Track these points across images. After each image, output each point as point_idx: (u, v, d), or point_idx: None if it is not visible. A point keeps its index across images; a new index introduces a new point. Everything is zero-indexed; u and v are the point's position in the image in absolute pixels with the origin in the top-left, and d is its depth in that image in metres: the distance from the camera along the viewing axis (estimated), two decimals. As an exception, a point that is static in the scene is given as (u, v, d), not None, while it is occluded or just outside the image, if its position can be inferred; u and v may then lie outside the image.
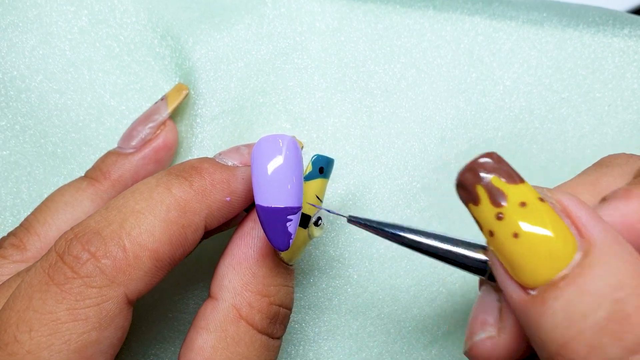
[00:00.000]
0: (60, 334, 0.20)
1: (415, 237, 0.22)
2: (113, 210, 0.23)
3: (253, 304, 0.24)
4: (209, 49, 0.32)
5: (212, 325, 0.23)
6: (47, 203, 0.28)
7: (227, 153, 0.27)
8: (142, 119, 0.30)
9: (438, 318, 0.31)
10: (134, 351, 0.31)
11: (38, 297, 0.21)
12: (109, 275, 0.21)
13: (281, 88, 0.32)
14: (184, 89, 0.32)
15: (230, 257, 0.25)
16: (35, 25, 0.33)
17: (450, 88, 0.32)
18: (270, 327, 0.24)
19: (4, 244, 0.27)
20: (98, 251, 0.21)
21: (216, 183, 0.24)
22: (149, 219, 0.22)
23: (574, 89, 0.31)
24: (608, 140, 0.31)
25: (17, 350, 0.20)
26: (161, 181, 0.23)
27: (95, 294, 0.21)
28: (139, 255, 0.22)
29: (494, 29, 0.32)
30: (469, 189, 0.20)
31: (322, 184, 0.26)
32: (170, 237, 0.22)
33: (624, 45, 0.31)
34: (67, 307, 0.21)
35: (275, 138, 0.23)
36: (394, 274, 0.31)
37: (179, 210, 0.23)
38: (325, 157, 0.26)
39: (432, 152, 0.32)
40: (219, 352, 0.23)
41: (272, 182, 0.22)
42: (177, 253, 0.23)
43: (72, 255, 0.21)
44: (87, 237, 0.22)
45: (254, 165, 0.23)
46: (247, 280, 0.24)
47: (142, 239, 0.22)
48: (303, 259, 0.31)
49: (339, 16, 0.32)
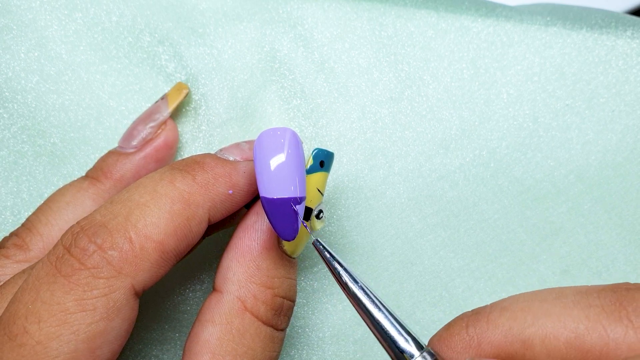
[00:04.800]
0: (68, 325, 0.20)
1: (361, 295, 0.22)
2: (118, 204, 0.23)
3: (258, 296, 0.24)
4: (210, 55, 0.32)
5: (218, 317, 0.24)
6: (48, 203, 0.28)
7: (228, 149, 0.27)
8: (143, 119, 0.30)
9: (441, 323, 0.31)
10: (136, 351, 0.31)
11: (46, 289, 0.21)
12: (116, 267, 0.21)
13: (284, 94, 0.32)
14: (184, 88, 0.31)
15: (234, 250, 0.25)
16: (30, 28, 0.32)
17: (454, 96, 0.32)
18: (275, 319, 0.25)
19: (6, 244, 0.27)
20: (105, 243, 0.22)
21: (218, 176, 0.24)
22: (153, 212, 0.23)
23: (578, 95, 0.31)
24: (612, 147, 0.31)
25: (27, 341, 0.20)
26: (165, 175, 0.24)
27: (102, 284, 0.21)
28: (145, 247, 0.22)
29: (498, 35, 0.32)
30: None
31: (323, 177, 0.26)
32: (175, 229, 0.23)
33: (627, 48, 0.31)
34: (75, 298, 0.21)
35: (275, 132, 0.23)
36: (397, 279, 0.31)
37: (182, 203, 0.23)
38: (325, 150, 0.26)
39: (436, 161, 0.32)
40: (224, 344, 0.23)
41: (276, 175, 0.23)
42: (182, 245, 0.23)
43: (79, 247, 0.22)
44: (93, 229, 0.22)
45: (256, 159, 0.23)
46: (252, 273, 0.24)
47: (147, 230, 0.22)
48: (306, 264, 0.31)
49: (343, 23, 0.32)
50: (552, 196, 0.31)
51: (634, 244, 0.31)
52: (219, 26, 0.32)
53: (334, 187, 0.31)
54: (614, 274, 0.31)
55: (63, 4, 0.33)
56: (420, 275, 0.31)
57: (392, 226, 0.31)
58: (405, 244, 0.31)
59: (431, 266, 0.31)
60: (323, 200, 0.26)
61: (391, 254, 0.31)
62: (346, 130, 0.32)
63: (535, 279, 0.31)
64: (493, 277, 0.31)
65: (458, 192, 0.31)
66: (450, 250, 0.31)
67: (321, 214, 0.26)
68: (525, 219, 0.31)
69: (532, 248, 0.31)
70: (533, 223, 0.31)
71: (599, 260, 0.31)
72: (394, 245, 0.31)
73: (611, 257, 0.31)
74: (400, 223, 0.31)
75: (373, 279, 0.31)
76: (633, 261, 0.31)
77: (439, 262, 0.31)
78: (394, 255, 0.31)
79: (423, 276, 0.31)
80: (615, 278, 0.31)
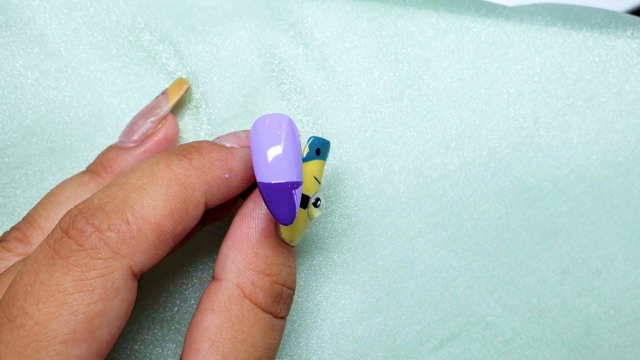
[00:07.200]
0: (67, 305, 0.20)
1: None
2: (115, 188, 0.23)
3: (256, 283, 0.24)
4: (210, 54, 0.32)
5: (217, 305, 0.24)
6: (49, 197, 0.28)
7: (225, 137, 0.28)
8: (143, 113, 0.30)
9: (442, 322, 0.31)
10: (134, 350, 0.31)
11: (45, 271, 0.21)
12: (114, 247, 0.22)
13: (284, 90, 0.32)
14: (185, 83, 0.31)
15: (233, 238, 0.25)
16: (30, 26, 0.32)
17: (455, 96, 0.32)
18: (274, 306, 0.25)
19: (7, 237, 0.27)
20: (102, 224, 0.22)
21: (214, 160, 0.25)
22: (150, 194, 0.23)
23: (579, 95, 0.31)
24: (613, 146, 0.31)
25: (26, 322, 0.20)
26: (161, 159, 0.24)
27: (100, 265, 0.21)
28: (142, 228, 0.22)
29: (498, 35, 0.32)
30: None
31: (320, 165, 0.26)
32: (172, 210, 0.23)
33: (627, 48, 0.31)
34: (74, 279, 0.21)
35: (272, 120, 0.23)
36: (398, 279, 0.31)
37: (179, 185, 0.23)
38: (321, 138, 0.26)
39: (437, 160, 0.32)
40: (224, 331, 0.23)
41: (273, 162, 0.23)
42: (179, 227, 0.23)
43: (77, 229, 0.22)
44: (90, 212, 0.22)
45: (253, 146, 0.23)
46: (250, 260, 0.24)
47: (144, 212, 0.22)
48: (306, 263, 0.31)
49: (343, 23, 0.32)
50: (553, 196, 0.31)
51: (634, 243, 0.31)
52: (218, 24, 0.32)
53: (334, 185, 0.31)
54: (614, 273, 0.31)
55: (62, 2, 0.33)
56: (422, 275, 0.31)
57: (392, 225, 0.31)
58: (406, 243, 0.31)
59: (432, 265, 0.31)
60: (321, 189, 0.26)
61: (391, 253, 0.31)
62: (346, 128, 0.32)
63: (535, 279, 0.31)
64: (494, 276, 0.31)
65: (459, 192, 0.31)
66: (451, 250, 0.31)
67: (319, 202, 0.26)
68: (526, 218, 0.31)
69: (533, 247, 0.31)
70: (534, 222, 0.31)
71: (599, 259, 0.31)
72: (394, 244, 0.31)
73: (611, 256, 0.31)
74: (401, 222, 0.31)
75: (373, 278, 0.31)
76: (633, 261, 0.31)
77: (439, 261, 0.31)
78: (394, 255, 0.31)
79: (424, 275, 0.31)
80: (615, 278, 0.31)
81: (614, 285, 0.31)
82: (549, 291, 0.31)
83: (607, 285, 0.31)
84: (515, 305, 0.31)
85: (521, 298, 0.31)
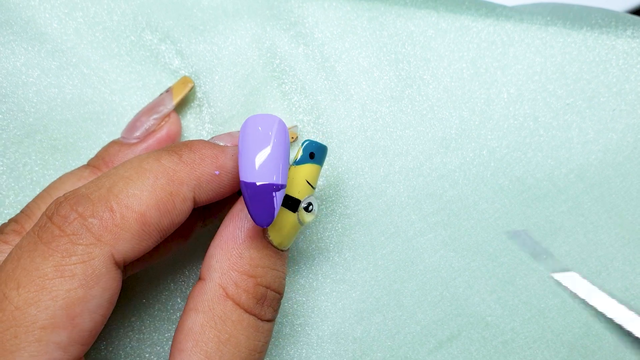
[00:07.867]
0: (47, 290, 0.20)
1: None
2: (103, 178, 0.23)
3: (239, 284, 0.24)
4: (211, 53, 0.32)
5: (200, 305, 0.24)
6: (48, 190, 0.28)
7: (220, 136, 0.28)
8: (147, 110, 0.30)
9: (442, 322, 0.31)
10: (134, 348, 0.31)
11: (27, 256, 0.21)
12: (96, 234, 0.22)
13: (285, 93, 0.32)
14: (189, 81, 0.31)
15: (219, 238, 0.25)
16: (30, 25, 0.32)
17: (455, 96, 0.32)
18: (258, 308, 0.24)
19: (5, 229, 0.27)
20: (86, 211, 0.22)
21: (205, 157, 0.25)
22: (136, 184, 0.23)
23: (578, 94, 0.31)
24: (613, 146, 0.31)
25: (6, 306, 0.20)
26: (152, 154, 0.24)
27: (81, 251, 0.21)
28: (126, 217, 0.22)
29: (498, 34, 0.32)
30: None
31: (313, 170, 0.26)
32: (157, 202, 0.23)
33: (627, 47, 0.31)
34: (54, 264, 0.21)
35: (263, 120, 0.23)
36: (398, 278, 0.31)
37: (166, 178, 0.23)
38: (316, 142, 0.26)
39: (436, 159, 0.32)
40: (207, 330, 0.23)
41: (258, 162, 0.23)
42: (164, 220, 0.23)
43: (60, 215, 0.22)
44: (76, 199, 0.22)
45: (240, 144, 0.23)
46: (234, 261, 0.24)
47: (129, 201, 0.22)
48: (306, 263, 0.31)
49: (343, 22, 0.32)
50: (553, 195, 0.31)
51: (634, 243, 0.31)
52: (219, 23, 0.32)
53: (334, 184, 0.31)
54: (614, 273, 0.31)
55: (62, 2, 0.33)
56: (421, 274, 0.31)
57: (392, 224, 0.31)
58: (406, 243, 0.31)
59: (431, 265, 0.31)
60: (314, 194, 0.26)
61: (391, 252, 0.31)
62: (347, 127, 0.32)
63: (535, 278, 0.31)
64: (493, 276, 0.31)
65: (458, 191, 0.31)
66: (450, 249, 0.31)
67: (311, 206, 0.26)
68: (526, 218, 0.31)
69: (533, 247, 0.31)
70: (533, 222, 0.31)
71: (599, 259, 0.31)
72: (394, 243, 0.31)
73: (611, 256, 0.31)
74: (401, 221, 0.31)
75: (373, 278, 0.31)
76: (633, 261, 0.31)
77: (439, 261, 0.31)
78: (394, 254, 0.31)
79: (424, 275, 0.31)
80: (615, 278, 0.31)
81: (613, 285, 0.31)
82: (549, 291, 0.31)
83: (607, 285, 0.31)
84: (515, 305, 0.31)
85: (521, 298, 0.31)
